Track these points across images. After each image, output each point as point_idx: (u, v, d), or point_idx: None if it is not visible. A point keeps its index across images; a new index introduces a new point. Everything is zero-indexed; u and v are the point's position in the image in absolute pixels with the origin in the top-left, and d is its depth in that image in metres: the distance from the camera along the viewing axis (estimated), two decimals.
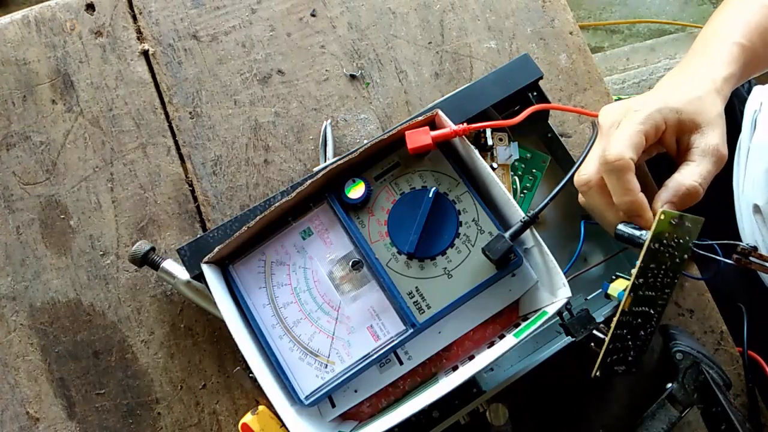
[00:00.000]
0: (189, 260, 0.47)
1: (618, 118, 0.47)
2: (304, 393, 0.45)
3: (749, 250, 0.41)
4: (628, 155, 0.43)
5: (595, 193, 0.46)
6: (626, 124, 0.45)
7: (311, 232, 0.48)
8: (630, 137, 0.44)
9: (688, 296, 0.55)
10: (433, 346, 0.47)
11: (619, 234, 0.44)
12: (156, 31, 0.60)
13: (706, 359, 0.48)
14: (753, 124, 0.68)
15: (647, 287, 0.43)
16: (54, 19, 0.60)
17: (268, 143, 0.58)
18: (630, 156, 0.43)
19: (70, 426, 0.53)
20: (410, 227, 0.47)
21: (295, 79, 0.60)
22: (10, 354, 0.54)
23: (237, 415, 0.53)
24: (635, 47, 1.43)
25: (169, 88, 0.59)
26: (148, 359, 0.54)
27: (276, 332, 0.46)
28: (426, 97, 0.60)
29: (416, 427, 0.46)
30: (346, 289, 0.47)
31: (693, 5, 1.45)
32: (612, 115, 0.48)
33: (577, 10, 1.45)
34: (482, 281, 0.46)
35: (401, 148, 0.48)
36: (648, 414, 0.48)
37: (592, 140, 0.48)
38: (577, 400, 0.53)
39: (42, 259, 0.56)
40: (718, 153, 0.45)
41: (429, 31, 0.61)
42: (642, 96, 0.49)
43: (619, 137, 0.44)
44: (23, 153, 0.58)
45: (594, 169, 0.46)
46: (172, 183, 0.57)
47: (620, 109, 0.47)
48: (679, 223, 0.42)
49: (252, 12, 0.61)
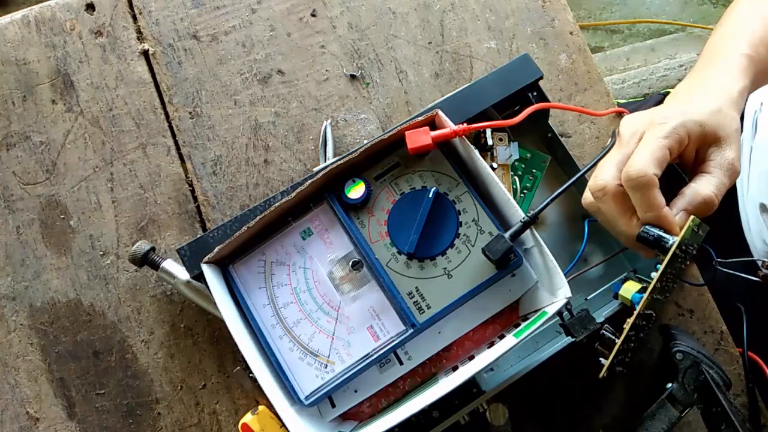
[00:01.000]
0: (189, 260, 0.47)
1: (640, 129, 0.46)
2: (304, 393, 0.45)
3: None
4: (651, 171, 0.43)
5: (609, 200, 0.46)
6: (650, 139, 0.45)
7: (311, 232, 0.49)
8: (653, 152, 0.44)
9: (688, 296, 0.55)
10: (433, 346, 0.47)
11: (645, 236, 0.44)
12: (156, 31, 0.60)
13: (706, 359, 0.48)
14: (754, 124, 0.68)
15: (659, 291, 0.43)
16: (54, 19, 0.60)
17: (268, 143, 0.58)
18: (654, 172, 0.43)
19: (70, 426, 0.53)
20: (410, 227, 0.47)
21: (295, 79, 0.60)
22: (10, 354, 0.54)
23: (237, 415, 0.53)
24: (635, 47, 1.43)
25: (169, 88, 0.59)
26: (148, 359, 0.54)
27: (276, 332, 0.46)
28: (426, 97, 0.60)
29: (416, 427, 0.46)
30: (346, 289, 0.47)
31: (693, 5, 1.45)
32: (634, 125, 0.47)
33: (577, 10, 1.45)
34: (482, 281, 0.46)
35: (401, 148, 0.48)
36: (648, 414, 0.48)
37: (608, 147, 0.48)
38: (577, 400, 0.53)
39: (42, 259, 0.56)
40: (733, 168, 0.45)
41: (429, 31, 0.61)
42: (665, 107, 0.48)
43: (643, 152, 0.44)
44: (23, 153, 0.58)
45: (611, 176, 0.45)
46: (172, 183, 0.57)
47: (644, 119, 0.47)
48: (698, 230, 0.43)
49: (252, 12, 0.61)
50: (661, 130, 0.45)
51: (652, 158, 0.43)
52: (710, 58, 0.53)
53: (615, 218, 0.46)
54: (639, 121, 0.47)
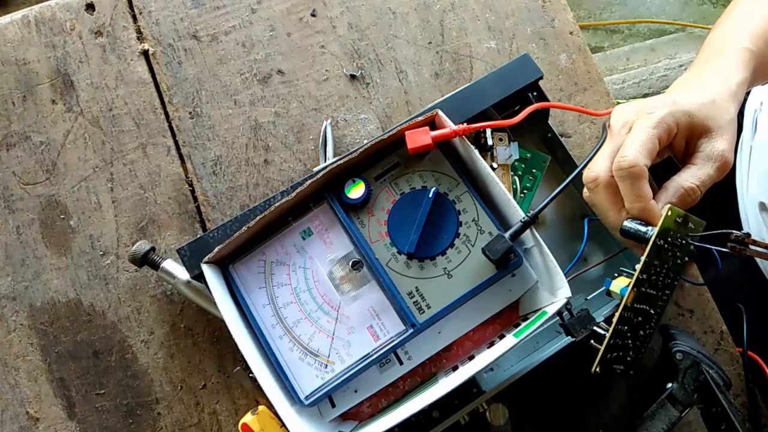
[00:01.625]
0: (189, 260, 0.47)
1: (630, 119, 0.47)
2: (304, 393, 0.45)
3: (743, 237, 0.41)
4: (642, 162, 0.43)
5: (601, 190, 0.46)
6: (639, 128, 0.45)
7: (311, 232, 0.48)
8: (643, 143, 0.44)
9: (688, 296, 0.55)
10: (433, 346, 0.47)
11: (626, 230, 0.44)
12: (156, 31, 0.60)
13: (706, 359, 0.48)
14: (754, 123, 0.68)
15: (650, 285, 0.43)
16: (54, 19, 0.60)
17: (268, 143, 0.58)
18: (644, 162, 0.43)
19: (70, 426, 0.53)
20: (410, 227, 0.47)
21: (295, 79, 0.60)
22: (10, 354, 0.54)
23: (237, 415, 0.53)
24: (635, 47, 1.43)
25: (169, 88, 0.59)
26: (148, 359, 0.54)
27: (276, 332, 0.46)
28: (426, 97, 0.60)
29: (416, 427, 0.46)
30: (346, 289, 0.47)
31: (693, 5, 1.45)
32: (624, 115, 0.47)
33: (577, 10, 1.45)
34: (482, 281, 0.46)
35: (401, 148, 0.48)
36: (648, 414, 0.48)
37: (602, 141, 0.48)
38: (577, 400, 0.53)
39: (42, 259, 0.56)
40: (722, 158, 0.45)
41: (429, 31, 0.61)
42: (655, 98, 0.48)
43: (633, 142, 0.44)
44: (23, 153, 0.58)
45: (603, 168, 0.46)
46: (172, 183, 0.57)
47: (633, 110, 0.47)
48: (684, 222, 0.43)
49: (252, 12, 0.61)
50: (650, 119, 0.45)
51: (642, 148, 0.43)
52: (709, 52, 0.53)
53: (606, 209, 0.46)
54: (628, 111, 0.47)
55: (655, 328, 0.44)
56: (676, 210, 0.43)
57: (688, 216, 0.43)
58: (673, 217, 0.43)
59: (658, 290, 0.43)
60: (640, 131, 0.44)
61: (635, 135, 0.45)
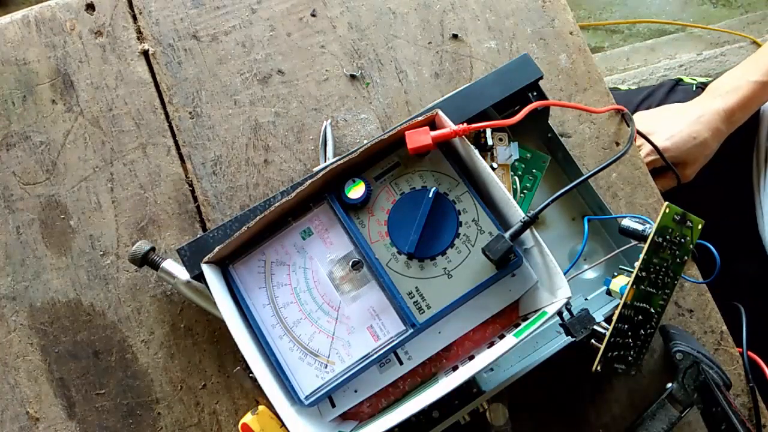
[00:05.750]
0: (189, 260, 0.47)
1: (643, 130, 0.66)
2: (304, 393, 0.45)
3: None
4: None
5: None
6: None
7: (311, 232, 0.48)
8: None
9: (688, 296, 0.55)
10: (433, 346, 0.47)
11: (624, 228, 0.45)
12: (156, 31, 0.60)
13: (706, 359, 0.48)
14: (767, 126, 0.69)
15: (649, 283, 0.43)
16: (54, 19, 0.60)
17: (268, 143, 0.58)
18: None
19: (70, 426, 0.53)
20: (410, 227, 0.47)
21: (295, 79, 0.60)
22: (10, 354, 0.54)
23: (237, 415, 0.53)
24: (635, 47, 1.43)
25: (169, 88, 0.59)
26: (148, 359, 0.54)
27: (276, 332, 0.46)
28: (426, 97, 0.60)
29: (416, 427, 0.46)
30: (346, 289, 0.47)
31: (693, 5, 1.45)
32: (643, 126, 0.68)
33: (577, 10, 1.45)
34: (482, 281, 0.46)
35: (401, 148, 0.48)
36: (648, 414, 0.48)
37: (623, 151, 0.53)
38: (577, 400, 0.53)
39: (42, 259, 0.56)
40: (685, 179, 0.66)
41: (429, 31, 0.61)
42: (656, 120, 0.69)
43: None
44: (23, 153, 0.58)
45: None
46: (172, 183, 0.57)
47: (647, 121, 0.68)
48: (682, 220, 0.43)
49: (252, 12, 0.61)
50: (640, 151, 0.60)
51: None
52: (747, 69, 0.68)
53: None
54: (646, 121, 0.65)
55: (655, 327, 0.44)
56: (673, 207, 0.43)
57: (686, 214, 0.43)
58: (671, 214, 0.43)
59: (658, 289, 0.44)
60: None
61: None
